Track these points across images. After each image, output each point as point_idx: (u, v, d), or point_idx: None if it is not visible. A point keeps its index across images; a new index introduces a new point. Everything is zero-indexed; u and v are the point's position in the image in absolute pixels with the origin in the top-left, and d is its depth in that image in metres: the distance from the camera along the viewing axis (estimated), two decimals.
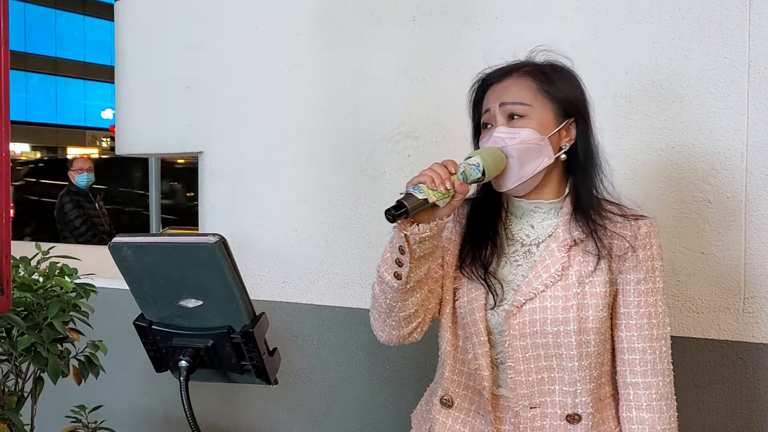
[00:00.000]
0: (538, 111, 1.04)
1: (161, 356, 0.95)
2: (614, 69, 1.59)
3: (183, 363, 0.90)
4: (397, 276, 1.00)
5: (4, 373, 1.79)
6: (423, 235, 0.96)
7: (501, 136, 1.04)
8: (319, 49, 1.96)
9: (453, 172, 0.97)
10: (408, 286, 1.01)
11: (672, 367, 1.09)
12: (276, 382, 0.96)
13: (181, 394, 0.89)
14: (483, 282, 1.06)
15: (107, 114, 21.59)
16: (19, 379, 1.79)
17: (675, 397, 1.08)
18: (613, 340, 1.08)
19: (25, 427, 1.72)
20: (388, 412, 1.89)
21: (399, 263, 0.99)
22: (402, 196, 0.94)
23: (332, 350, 1.96)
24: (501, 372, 1.08)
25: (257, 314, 0.93)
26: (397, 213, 0.92)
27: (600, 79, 1.61)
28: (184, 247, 0.86)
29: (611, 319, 1.07)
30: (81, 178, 4.71)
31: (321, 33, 1.95)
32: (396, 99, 1.85)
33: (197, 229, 2.42)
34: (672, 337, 1.41)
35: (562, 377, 1.04)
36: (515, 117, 1.04)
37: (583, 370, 1.03)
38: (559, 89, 1.06)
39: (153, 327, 0.93)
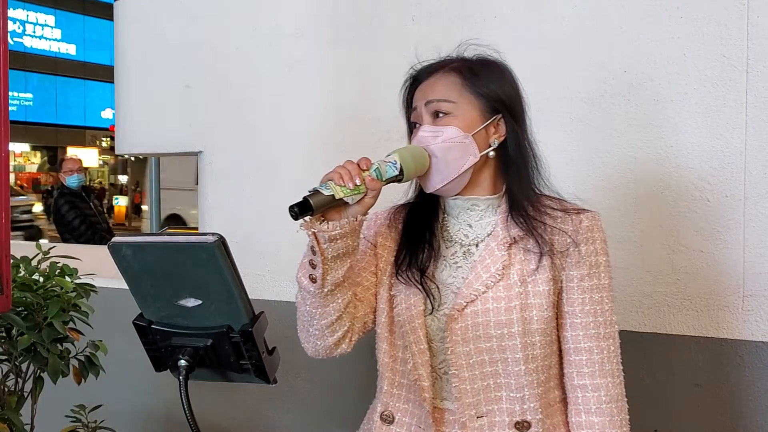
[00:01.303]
0: (462, 108, 1.01)
1: (160, 355, 0.95)
2: (613, 68, 1.59)
3: (182, 362, 0.90)
4: (312, 279, 0.96)
5: (4, 372, 1.79)
6: (332, 233, 0.92)
7: (425, 135, 1.01)
8: (318, 48, 1.96)
9: (365, 168, 0.94)
10: (326, 290, 0.97)
11: (622, 368, 1.04)
12: (275, 382, 0.96)
13: (181, 393, 0.89)
14: (419, 286, 1.02)
15: (107, 114, 21.59)
16: (19, 379, 1.79)
17: (626, 398, 1.04)
18: (559, 341, 1.04)
19: (25, 427, 1.72)
20: None
21: (312, 265, 0.95)
22: (308, 193, 0.91)
23: None
24: (444, 382, 1.03)
25: (256, 313, 0.94)
26: (301, 209, 0.88)
27: (598, 78, 1.61)
28: (183, 247, 0.86)
29: (557, 319, 1.03)
30: (72, 179, 4.72)
31: (320, 33, 1.96)
32: (396, 98, 1.85)
33: (197, 229, 2.42)
34: (671, 336, 1.42)
35: (509, 383, 0.99)
36: (440, 115, 1.01)
37: (530, 374, 0.99)
38: (486, 85, 1.02)
39: (152, 326, 0.93)
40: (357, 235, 0.97)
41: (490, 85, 1.03)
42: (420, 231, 1.06)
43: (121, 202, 16.42)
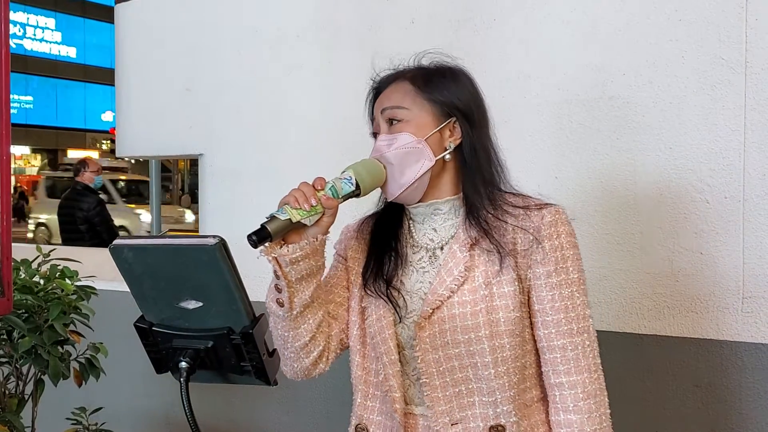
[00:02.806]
0: (415, 114, 1.01)
1: (161, 357, 0.95)
2: (612, 70, 1.60)
3: (183, 364, 0.91)
4: (280, 303, 0.95)
5: (5, 375, 1.79)
6: (293, 257, 0.92)
7: (381, 144, 1.02)
8: (318, 51, 1.97)
9: (320, 188, 0.95)
10: (294, 313, 0.96)
11: (599, 362, 1.01)
12: (275, 383, 0.96)
13: (182, 395, 0.89)
14: (384, 297, 1.01)
15: (107, 116, 21.61)
16: (19, 382, 1.79)
17: (606, 393, 1.01)
18: (534, 341, 1.02)
19: (26, 430, 1.72)
20: None
21: (278, 289, 0.95)
22: (266, 220, 0.91)
23: None
24: (416, 390, 1.02)
25: (257, 315, 0.94)
26: (259, 237, 0.89)
27: (598, 81, 1.62)
28: (184, 249, 0.86)
29: (529, 318, 1.02)
30: (98, 180, 4.81)
31: (320, 36, 1.96)
32: None
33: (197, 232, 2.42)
34: (671, 338, 1.42)
35: (480, 387, 0.98)
36: (394, 122, 1.02)
37: (500, 377, 0.97)
38: (439, 90, 1.03)
39: (153, 328, 0.93)
40: (320, 255, 0.97)
41: (444, 91, 1.03)
42: (386, 240, 1.06)
43: None
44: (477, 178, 1.02)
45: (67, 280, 1.78)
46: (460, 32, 1.77)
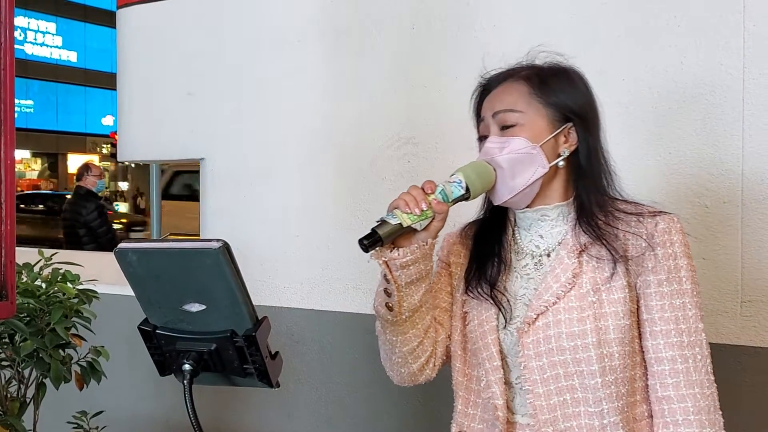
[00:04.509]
0: (530, 118, 0.98)
1: (165, 360, 0.95)
2: (611, 76, 1.61)
3: (187, 366, 0.91)
4: (389, 307, 0.95)
5: (6, 378, 1.79)
6: (404, 260, 0.92)
7: (491, 146, 0.99)
8: (319, 56, 1.98)
9: (430, 192, 0.94)
10: (403, 317, 0.96)
11: (713, 378, 0.97)
12: (278, 385, 0.97)
13: (185, 397, 0.90)
14: (490, 299, 0.99)
15: (108, 120, 21.64)
16: (21, 385, 1.80)
17: (720, 413, 0.96)
18: (642, 352, 0.99)
19: None
20: (389, 418, 1.90)
21: (387, 293, 0.95)
22: (377, 224, 0.91)
23: (333, 356, 1.97)
24: (519, 398, 0.99)
25: (260, 318, 0.95)
26: (370, 242, 0.89)
27: (597, 86, 1.62)
28: (188, 253, 0.87)
29: (638, 328, 0.98)
30: (101, 184, 4.83)
31: (322, 40, 1.97)
32: (396, 106, 1.87)
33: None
34: None
35: (586, 397, 0.94)
36: (508, 125, 0.99)
37: (607, 386, 0.93)
38: (555, 93, 1.00)
39: (157, 331, 0.94)
40: (429, 259, 0.96)
41: (560, 94, 1.00)
42: (489, 245, 1.04)
43: (121, 209, 16.44)
44: (591, 185, 1.00)
45: (69, 284, 1.78)
46: (460, 37, 1.78)
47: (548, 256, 1.01)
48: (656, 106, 1.56)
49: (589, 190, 1.00)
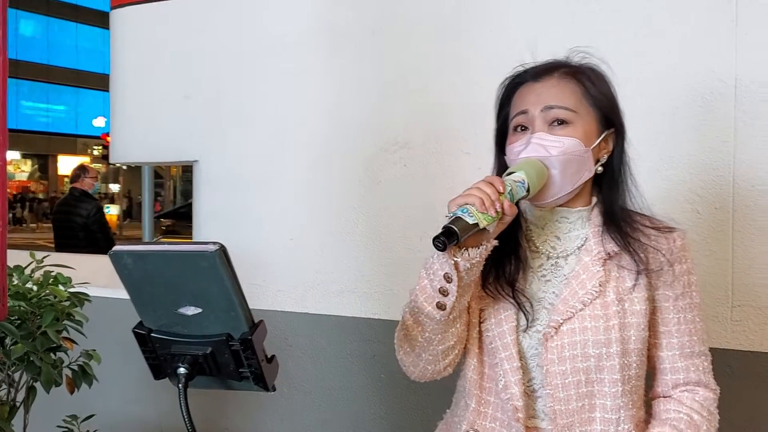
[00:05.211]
0: (582, 118, 0.96)
1: (160, 363, 0.95)
2: None
3: (182, 370, 0.90)
4: (441, 306, 0.92)
5: None
6: (473, 261, 0.89)
7: (542, 144, 0.95)
8: (317, 58, 1.98)
9: (502, 191, 0.89)
10: (451, 317, 0.94)
11: (717, 386, 1.04)
12: (274, 389, 0.96)
13: (180, 401, 0.89)
14: (512, 301, 0.97)
15: (99, 122, 21.53)
16: (11, 389, 1.78)
17: (718, 416, 1.03)
18: (651, 360, 1.01)
19: None
20: (383, 421, 1.90)
21: (444, 292, 0.91)
22: (449, 219, 0.86)
23: (327, 359, 1.97)
24: (534, 401, 0.99)
25: (256, 322, 0.94)
26: (449, 240, 0.84)
27: None
28: (184, 256, 0.87)
29: (649, 338, 1.00)
30: (96, 186, 4.83)
31: (320, 43, 1.98)
32: (394, 109, 1.87)
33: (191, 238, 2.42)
34: None
35: (604, 404, 0.95)
36: (558, 123, 0.95)
37: (626, 395, 0.95)
38: (605, 97, 0.99)
39: (152, 334, 0.93)
40: (484, 260, 0.93)
41: (605, 97, 0.99)
42: (504, 240, 0.98)
43: (112, 211, 16.35)
44: (620, 193, 1.00)
45: (61, 287, 1.77)
46: (458, 41, 1.79)
47: (565, 259, 1.00)
48: (650, 111, 1.58)
49: (616, 197, 1.00)
